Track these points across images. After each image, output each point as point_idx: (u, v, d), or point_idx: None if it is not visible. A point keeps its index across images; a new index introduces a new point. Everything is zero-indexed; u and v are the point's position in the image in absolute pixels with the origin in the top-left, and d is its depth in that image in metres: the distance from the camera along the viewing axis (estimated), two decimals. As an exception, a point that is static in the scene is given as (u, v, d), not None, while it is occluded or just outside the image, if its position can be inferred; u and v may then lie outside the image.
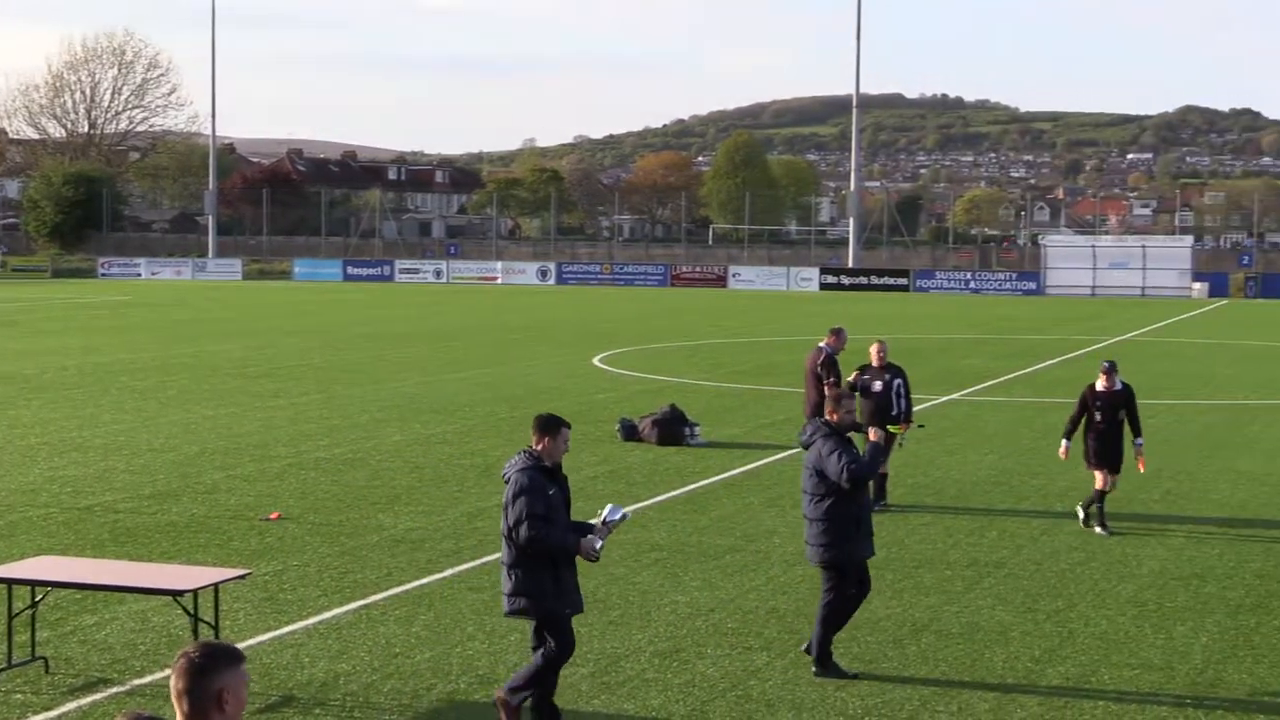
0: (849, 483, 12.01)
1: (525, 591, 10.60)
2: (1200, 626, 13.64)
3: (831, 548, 12.20)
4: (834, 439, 12.28)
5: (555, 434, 10.81)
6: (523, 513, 10.46)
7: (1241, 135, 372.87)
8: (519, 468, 10.71)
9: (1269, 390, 33.27)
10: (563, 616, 10.72)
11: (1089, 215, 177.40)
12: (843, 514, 12.16)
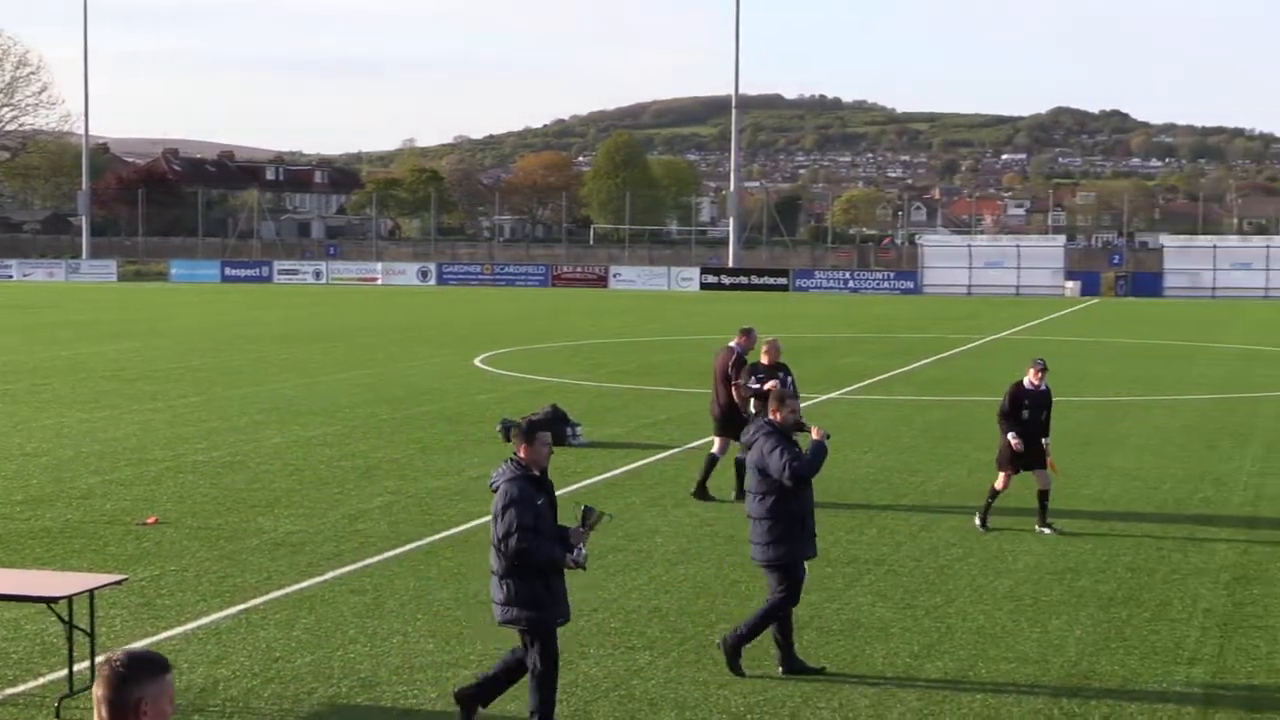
0: (791, 480, 12.07)
1: (519, 601, 10.47)
2: (1074, 620, 13.88)
3: (778, 545, 12.22)
4: (775, 437, 12.34)
5: (533, 440, 10.70)
6: (512, 524, 10.34)
7: (1111, 136, 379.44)
8: (507, 477, 10.60)
9: (1139, 387, 33.89)
10: (552, 626, 10.64)
11: (965, 215, 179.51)
12: (787, 512, 12.20)
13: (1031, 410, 18.08)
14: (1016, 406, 18.08)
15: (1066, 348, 46.21)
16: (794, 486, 12.11)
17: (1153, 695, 11.70)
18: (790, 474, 12.06)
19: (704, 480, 20.09)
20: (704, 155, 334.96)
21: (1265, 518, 18.86)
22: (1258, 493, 20.55)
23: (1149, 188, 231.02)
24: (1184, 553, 16.76)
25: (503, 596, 10.55)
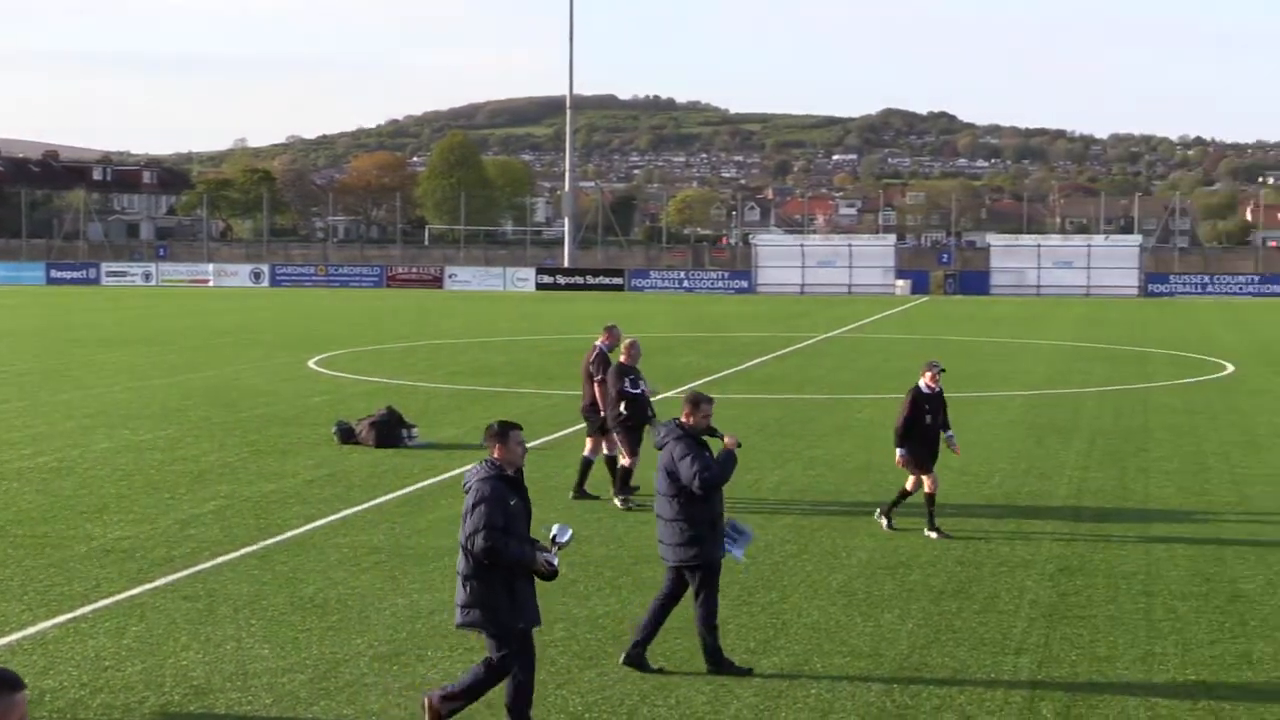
0: (701, 490, 12.14)
1: (479, 604, 10.37)
2: (906, 613, 14.11)
3: (689, 547, 12.27)
4: (687, 441, 12.37)
5: (506, 439, 10.64)
6: (480, 522, 10.24)
7: (939, 137, 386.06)
8: (480, 476, 10.52)
9: (971, 384, 34.52)
10: (517, 631, 10.49)
11: (798, 215, 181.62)
12: (698, 514, 12.25)
13: (934, 413, 18.04)
14: (919, 411, 17.91)
15: (898, 345, 46.95)
16: (703, 494, 12.19)
17: (981, 685, 11.94)
18: (700, 483, 12.13)
19: (580, 483, 20.15)
20: (539, 155, 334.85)
21: (1088, 508, 19.33)
22: (1080, 486, 21.05)
23: (976, 188, 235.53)
24: (1011, 546, 17.12)
25: (464, 598, 10.47)
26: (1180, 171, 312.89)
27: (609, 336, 21.21)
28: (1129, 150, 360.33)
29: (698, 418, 12.61)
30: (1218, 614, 14.09)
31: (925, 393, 18.00)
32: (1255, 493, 20.61)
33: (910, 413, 17.87)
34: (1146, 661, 12.60)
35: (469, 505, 10.37)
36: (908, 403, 17.95)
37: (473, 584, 10.37)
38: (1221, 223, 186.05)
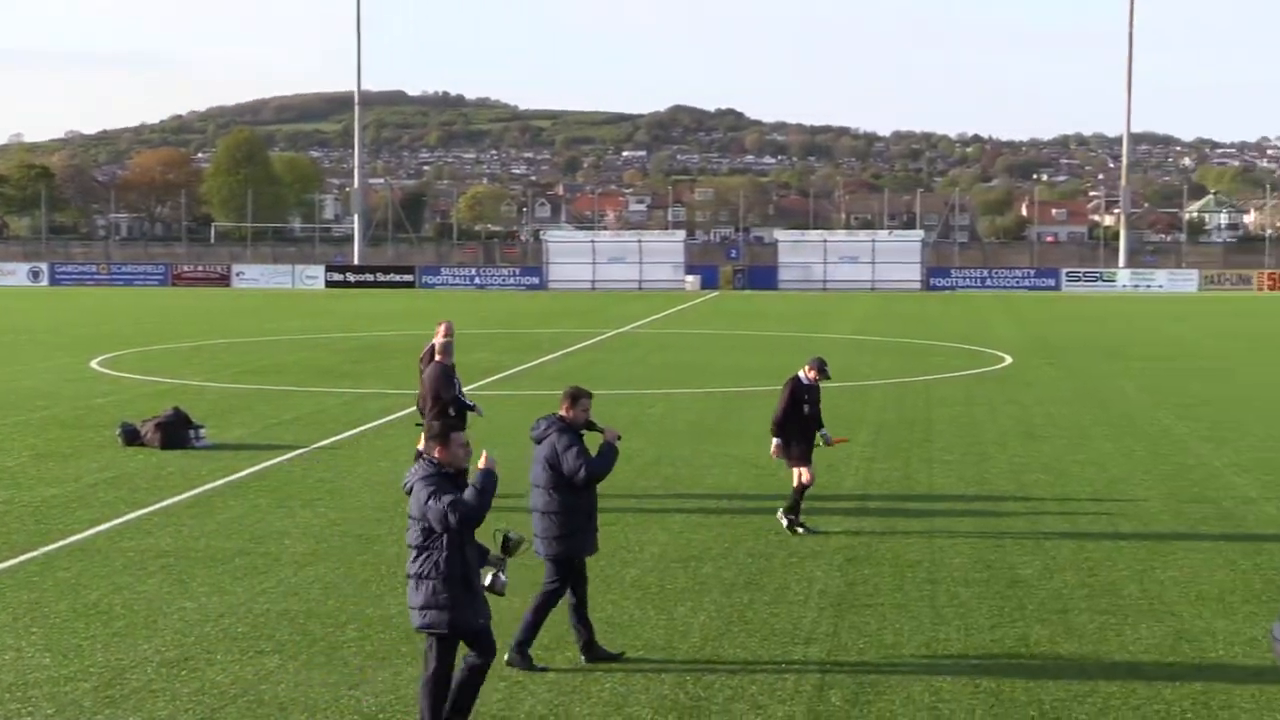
0: (584, 482, 12.21)
1: (438, 604, 10.21)
2: (699, 606, 14.27)
3: (563, 540, 12.32)
4: (569, 435, 12.44)
5: (448, 442, 10.45)
6: (444, 504, 10.08)
7: (727, 134, 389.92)
8: (422, 475, 10.33)
9: (757, 378, 34.98)
10: (479, 627, 10.42)
11: (588, 211, 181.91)
12: (575, 507, 12.32)
13: (813, 406, 17.89)
14: (798, 402, 17.72)
15: (688, 340, 47.39)
16: (584, 487, 12.26)
17: (772, 675, 12.13)
18: (584, 476, 12.22)
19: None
20: (327, 152, 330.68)
21: (874, 499, 19.74)
22: (866, 477, 21.49)
23: (763, 184, 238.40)
24: (800, 537, 17.40)
25: (420, 600, 10.28)
26: (960, 169, 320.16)
27: (441, 330, 21.06)
28: (911, 148, 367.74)
29: (577, 412, 12.77)
30: (998, 599, 14.50)
31: (804, 384, 17.82)
32: (1032, 480, 21.23)
33: (789, 403, 17.73)
34: (931, 647, 12.92)
35: (421, 500, 10.22)
36: (787, 393, 17.80)
37: (429, 584, 10.25)
38: (999, 218, 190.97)
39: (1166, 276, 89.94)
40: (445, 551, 10.18)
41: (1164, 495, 20.06)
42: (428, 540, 10.22)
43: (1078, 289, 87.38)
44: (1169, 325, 55.64)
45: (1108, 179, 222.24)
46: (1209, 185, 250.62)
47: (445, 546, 10.18)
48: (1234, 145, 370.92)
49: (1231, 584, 15.11)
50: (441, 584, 10.19)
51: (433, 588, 10.20)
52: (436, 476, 10.29)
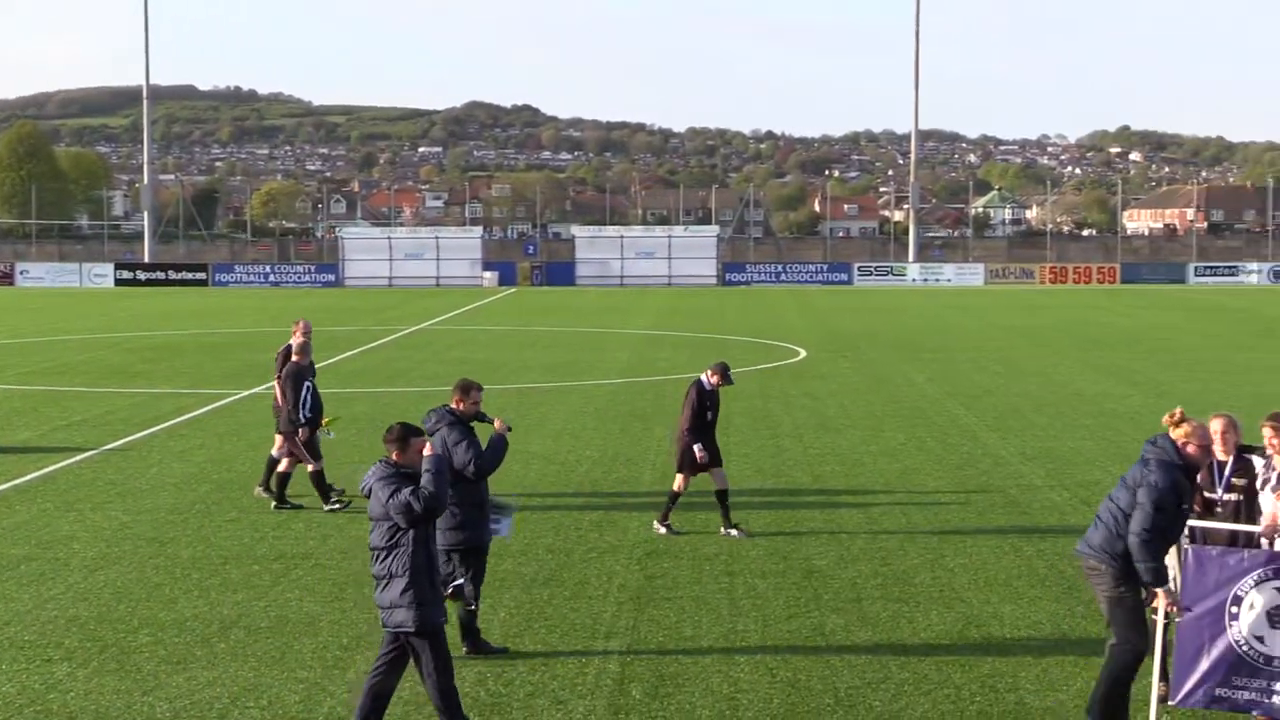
0: (475, 475, 12.37)
1: (406, 602, 10.19)
2: (499, 603, 14.27)
3: (457, 531, 12.42)
4: (460, 428, 12.56)
5: (406, 446, 10.43)
6: (406, 495, 10.09)
7: (523, 130, 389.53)
8: (380, 475, 10.34)
9: (555, 374, 35.06)
10: (441, 625, 10.39)
11: (384, 207, 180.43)
12: (467, 498, 12.48)
13: (714, 410, 17.69)
14: (703, 408, 17.47)
15: (486, 337, 47.29)
16: (476, 479, 12.46)
17: (573, 670, 12.19)
18: (475, 468, 12.45)
19: (267, 479, 19.60)
20: (115, 147, 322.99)
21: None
22: (665, 472, 21.60)
23: (560, 180, 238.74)
24: (600, 531, 17.50)
25: (388, 599, 10.26)
26: (754, 165, 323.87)
27: (296, 330, 20.70)
28: (705, 144, 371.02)
29: (468, 404, 12.92)
30: (794, 590, 14.74)
31: (707, 389, 17.59)
32: (827, 472, 21.60)
33: (696, 410, 17.38)
34: (730, 639, 13.08)
35: (384, 499, 10.21)
36: (692, 399, 17.47)
37: (398, 583, 10.25)
38: (793, 214, 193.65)
39: (954, 270, 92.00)
40: (410, 548, 10.25)
41: (954, 485, 20.56)
42: (392, 539, 10.26)
43: (869, 283, 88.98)
44: (957, 318, 56.96)
45: (897, 175, 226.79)
46: (993, 181, 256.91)
47: (410, 543, 10.25)
48: (1016, 143, 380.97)
49: (1018, 570, 15.55)
50: (409, 582, 10.24)
51: (400, 586, 10.25)
52: (395, 476, 10.37)
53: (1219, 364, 37.41)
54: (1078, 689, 11.63)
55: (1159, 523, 10.18)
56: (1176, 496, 10.26)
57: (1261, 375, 34.58)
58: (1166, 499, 10.19)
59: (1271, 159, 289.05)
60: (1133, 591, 10.46)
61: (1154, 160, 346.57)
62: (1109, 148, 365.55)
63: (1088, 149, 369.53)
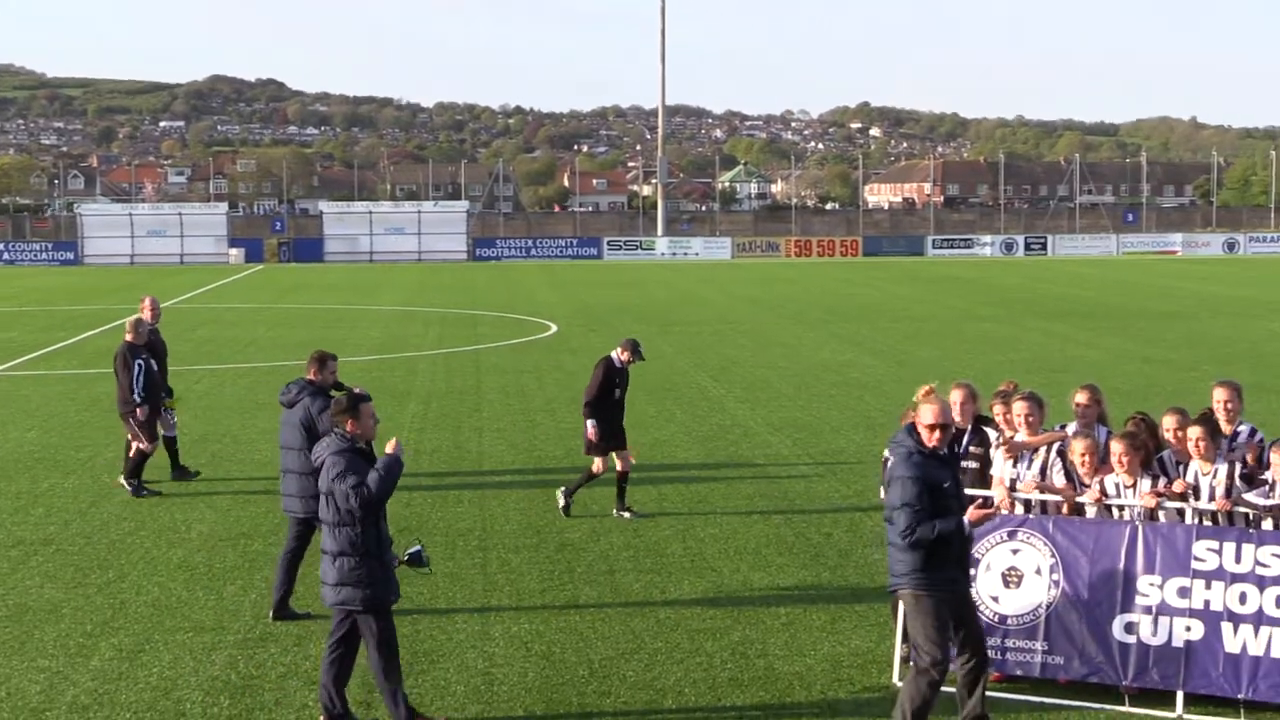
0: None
1: (355, 580, 10.14)
2: (250, 584, 14.09)
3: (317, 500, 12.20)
4: (322, 398, 13.10)
5: (358, 413, 10.39)
6: (347, 487, 10.03)
7: (268, 105, 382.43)
8: (333, 450, 10.26)
9: (304, 352, 34.49)
10: (390, 603, 10.34)
11: (125, 183, 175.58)
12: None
13: (623, 388, 17.36)
14: (609, 385, 17.11)
15: (233, 315, 46.45)
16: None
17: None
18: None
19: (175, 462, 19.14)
20: None
21: (425, 470, 19.83)
22: (417, 447, 21.56)
23: (307, 155, 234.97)
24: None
25: (336, 576, 10.17)
26: (503, 139, 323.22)
27: (143, 305, 20.01)
28: (454, 118, 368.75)
29: (325, 374, 13.30)
30: (548, 564, 14.83)
31: (617, 366, 17.25)
32: (579, 446, 21.67)
33: (601, 385, 17.05)
34: (484, 614, 13.11)
35: (331, 478, 10.08)
36: (599, 375, 17.11)
37: (346, 561, 10.13)
38: (542, 189, 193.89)
39: (702, 244, 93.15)
40: (359, 527, 10.14)
41: (703, 456, 20.87)
42: (341, 515, 10.15)
43: (619, 257, 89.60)
44: (705, 291, 57.71)
45: (645, 150, 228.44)
46: (739, 156, 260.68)
47: (359, 522, 10.13)
48: (761, 118, 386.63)
49: (766, 538, 15.87)
50: (358, 560, 10.15)
51: (349, 564, 10.17)
52: (349, 453, 10.28)
53: (956, 333, 38.60)
54: (825, 653, 11.94)
55: (918, 517, 9.56)
56: (923, 483, 9.62)
57: (995, 345, 35.78)
58: (910, 490, 9.60)
59: (1003, 135, 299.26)
60: (930, 598, 9.77)
61: (893, 136, 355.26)
62: (850, 123, 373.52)
63: (830, 124, 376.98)
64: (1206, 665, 10.58)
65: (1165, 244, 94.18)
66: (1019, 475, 11.51)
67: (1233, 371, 28.24)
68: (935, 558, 9.69)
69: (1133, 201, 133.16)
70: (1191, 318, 43.30)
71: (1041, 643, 10.96)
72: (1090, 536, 11.03)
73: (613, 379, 17.20)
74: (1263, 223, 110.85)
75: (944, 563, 9.71)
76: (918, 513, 9.60)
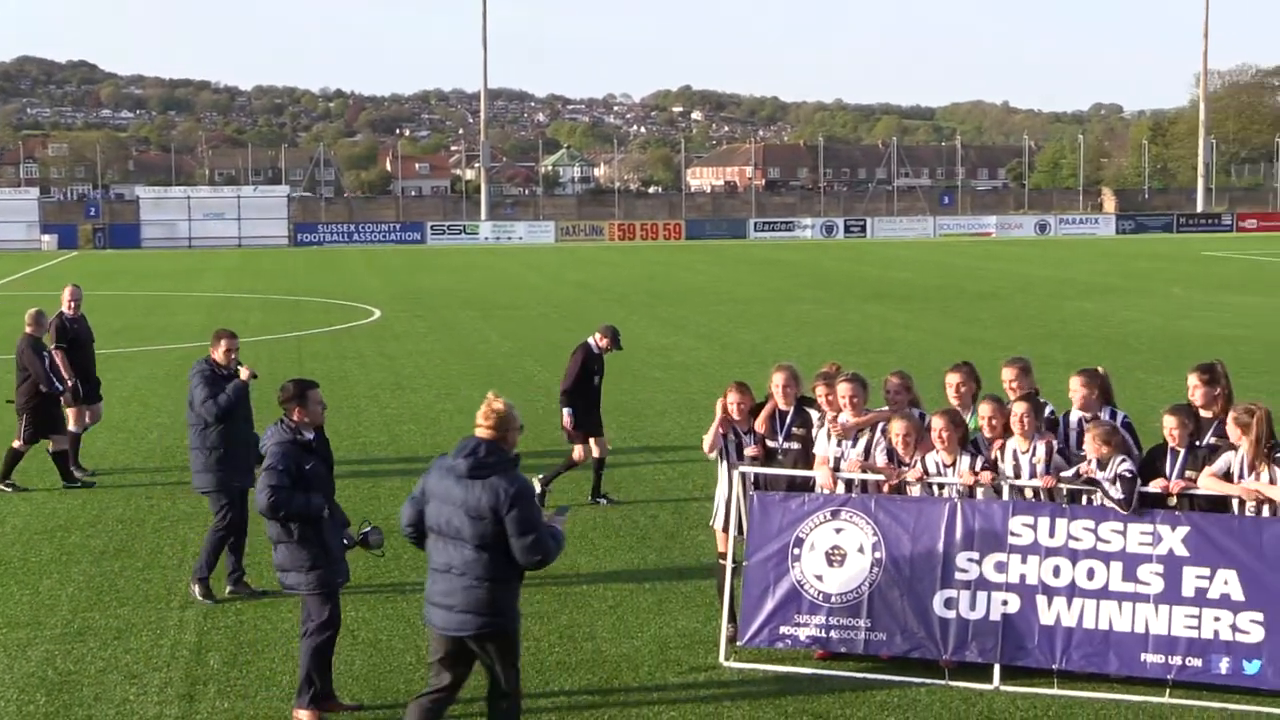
0: (212, 417, 13.30)
1: (297, 565, 10.18)
2: (66, 577, 13.80)
3: (210, 474, 13.23)
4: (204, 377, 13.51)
5: (305, 400, 10.42)
6: (265, 481, 10.08)
7: (80, 87, 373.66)
8: (275, 440, 10.34)
9: (121, 339, 33.94)
10: (335, 586, 10.32)
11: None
12: (222, 443, 13.24)
13: (598, 375, 17.00)
14: (588, 372, 16.79)
15: (47, 303, 45.32)
16: (216, 421, 13.23)
17: (148, 643, 11.89)
18: (214, 412, 13.22)
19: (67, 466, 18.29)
20: None
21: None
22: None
23: (122, 139, 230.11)
24: (173, 501, 17.08)
25: (280, 561, 10.28)
26: (323, 123, 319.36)
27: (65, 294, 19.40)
28: (273, 102, 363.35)
29: (222, 352, 13.76)
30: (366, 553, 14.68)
31: (595, 353, 16.93)
32: (404, 431, 21.63)
33: (579, 372, 16.74)
34: (309, 602, 12.98)
35: (263, 469, 10.15)
36: (577, 362, 16.80)
37: (285, 547, 10.13)
38: (364, 173, 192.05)
39: (526, 228, 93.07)
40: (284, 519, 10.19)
41: (530, 441, 20.77)
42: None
43: (443, 242, 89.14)
44: (530, 275, 57.66)
45: (468, 134, 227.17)
46: (562, 140, 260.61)
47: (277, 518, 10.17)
48: (584, 102, 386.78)
49: (593, 522, 15.94)
50: (300, 546, 10.16)
51: (292, 550, 10.19)
52: (291, 444, 10.30)
53: (778, 315, 39.06)
54: (652, 634, 12.02)
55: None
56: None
57: (817, 326, 36.26)
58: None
59: (822, 119, 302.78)
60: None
61: (714, 119, 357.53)
62: (672, 107, 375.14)
63: (652, 108, 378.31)
64: (1023, 637, 10.85)
65: (980, 226, 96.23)
66: (843, 454, 11.68)
67: (1044, 350, 29.00)
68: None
69: (948, 184, 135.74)
70: (1006, 298, 44.30)
71: (865, 620, 11.15)
72: (911, 514, 11.25)
73: (591, 366, 17.01)
74: (1072, 205, 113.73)
75: None
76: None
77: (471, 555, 8.81)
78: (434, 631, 9.02)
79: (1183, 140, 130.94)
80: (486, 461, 8.95)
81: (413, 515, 9.18)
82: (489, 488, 8.84)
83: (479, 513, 8.78)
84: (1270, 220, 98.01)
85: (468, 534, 8.78)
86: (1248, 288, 47.75)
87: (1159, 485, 10.98)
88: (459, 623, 8.85)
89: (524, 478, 9.12)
